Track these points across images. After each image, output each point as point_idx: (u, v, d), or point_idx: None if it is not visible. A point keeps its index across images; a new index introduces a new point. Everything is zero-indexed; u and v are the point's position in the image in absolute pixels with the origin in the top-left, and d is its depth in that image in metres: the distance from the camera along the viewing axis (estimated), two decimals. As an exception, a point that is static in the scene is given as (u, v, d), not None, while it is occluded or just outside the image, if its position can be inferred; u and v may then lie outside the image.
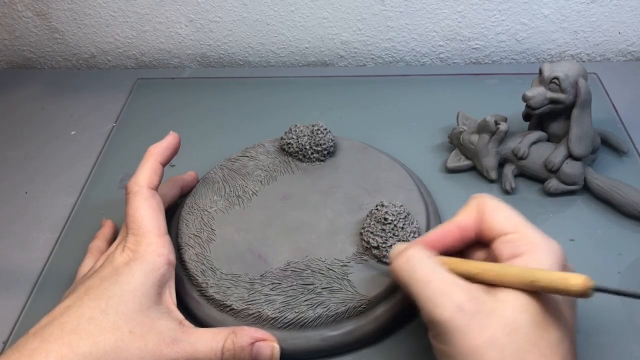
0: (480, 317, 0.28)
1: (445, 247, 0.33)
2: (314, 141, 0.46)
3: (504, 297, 0.28)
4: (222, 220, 0.42)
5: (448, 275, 0.30)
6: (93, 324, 0.31)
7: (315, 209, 0.42)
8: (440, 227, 0.34)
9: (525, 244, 0.30)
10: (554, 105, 0.44)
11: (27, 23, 0.65)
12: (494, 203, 0.33)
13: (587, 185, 0.45)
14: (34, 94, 0.62)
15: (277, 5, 0.61)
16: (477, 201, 0.33)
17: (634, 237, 0.42)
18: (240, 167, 0.46)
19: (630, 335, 0.37)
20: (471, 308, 0.28)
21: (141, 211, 0.36)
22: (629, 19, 0.60)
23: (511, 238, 0.31)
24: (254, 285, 0.37)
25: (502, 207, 0.32)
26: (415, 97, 0.57)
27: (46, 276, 0.43)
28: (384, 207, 0.38)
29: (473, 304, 0.28)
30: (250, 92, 0.60)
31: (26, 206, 0.49)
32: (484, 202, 0.33)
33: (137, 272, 0.33)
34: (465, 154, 0.48)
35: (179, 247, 0.40)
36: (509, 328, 0.27)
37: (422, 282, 0.30)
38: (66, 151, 0.54)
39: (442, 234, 0.33)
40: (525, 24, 0.61)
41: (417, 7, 0.60)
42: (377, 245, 0.38)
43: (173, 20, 0.64)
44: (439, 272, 0.30)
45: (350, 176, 0.45)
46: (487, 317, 0.28)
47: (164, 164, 0.39)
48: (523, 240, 0.30)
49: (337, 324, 0.36)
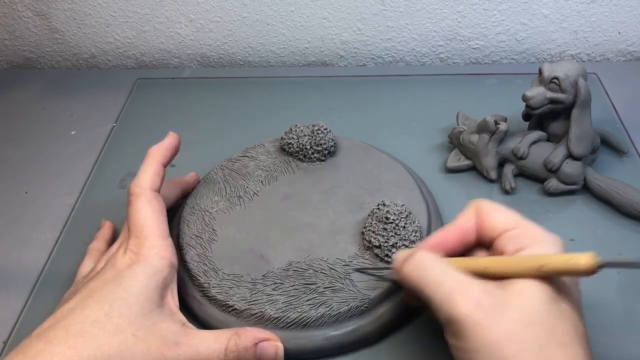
0: (497, 310, 0.28)
1: (447, 251, 0.33)
2: (315, 141, 0.46)
3: (517, 288, 0.29)
4: (223, 220, 0.42)
5: (459, 274, 0.30)
6: (97, 327, 0.31)
7: (317, 208, 0.42)
8: (441, 231, 0.34)
9: (528, 238, 0.31)
10: (554, 105, 0.44)
11: (27, 23, 0.65)
12: (491, 204, 0.33)
13: (587, 185, 0.45)
14: (34, 94, 0.62)
15: (277, 5, 0.61)
16: (475, 205, 0.34)
17: (634, 237, 0.42)
18: (241, 168, 0.46)
19: (630, 336, 0.37)
20: (488, 302, 0.28)
21: (143, 213, 0.36)
22: (628, 19, 0.60)
23: (514, 233, 0.31)
24: (256, 285, 0.37)
25: (500, 207, 0.33)
26: (415, 97, 0.57)
27: (46, 276, 0.43)
28: (386, 207, 0.39)
29: (489, 298, 0.28)
30: (250, 92, 0.60)
31: (26, 206, 0.49)
32: (482, 204, 0.34)
33: (140, 275, 0.33)
34: (465, 154, 0.48)
35: (180, 248, 0.40)
36: (526, 319, 0.28)
37: (434, 284, 0.30)
38: (66, 151, 0.54)
39: (443, 237, 0.34)
40: (525, 24, 0.61)
41: (417, 7, 0.60)
42: (378, 244, 0.38)
43: (173, 20, 0.64)
44: (450, 272, 0.30)
45: (351, 176, 0.45)
46: (504, 310, 0.28)
47: (165, 165, 0.39)
48: (526, 235, 0.31)
49: (339, 323, 0.36)
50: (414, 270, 0.31)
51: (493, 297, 0.28)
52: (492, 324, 0.28)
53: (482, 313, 0.28)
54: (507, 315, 0.28)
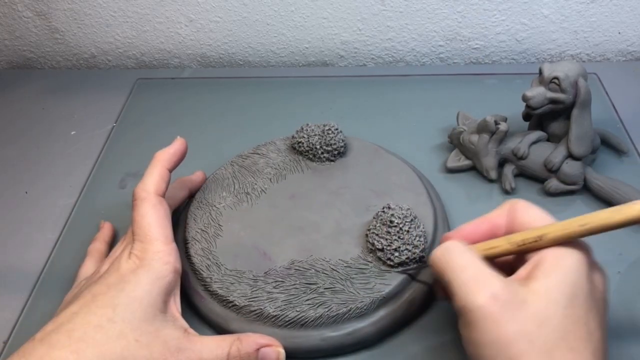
0: (513, 306, 0.28)
1: (475, 242, 0.33)
2: (325, 141, 0.46)
3: (537, 287, 0.29)
4: (229, 216, 0.42)
5: (484, 265, 0.30)
6: (100, 332, 0.31)
7: (323, 209, 0.42)
8: (473, 222, 0.34)
9: None
10: (554, 105, 0.44)
11: (27, 23, 0.65)
12: (526, 203, 0.34)
13: (587, 185, 0.45)
14: (34, 94, 0.62)
15: (277, 5, 0.61)
16: (510, 202, 0.34)
17: (634, 237, 0.42)
18: (251, 164, 0.46)
19: (630, 336, 0.37)
20: (505, 297, 0.28)
21: (148, 218, 0.35)
22: (628, 19, 0.60)
23: None
24: (257, 282, 0.37)
25: (534, 206, 0.33)
26: (415, 97, 0.57)
27: (46, 276, 0.43)
28: (391, 210, 0.38)
29: (507, 293, 0.28)
30: (250, 92, 0.60)
31: (26, 206, 0.49)
32: (517, 201, 0.34)
33: (143, 280, 0.33)
34: (465, 154, 0.48)
35: (185, 242, 0.41)
36: (539, 319, 0.28)
37: (458, 269, 0.30)
38: (66, 151, 0.54)
39: (474, 228, 0.34)
40: (525, 24, 0.61)
41: (417, 7, 0.60)
42: (381, 247, 0.38)
43: (173, 20, 0.64)
44: (475, 261, 0.30)
45: (360, 177, 0.45)
46: (519, 307, 0.28)
47: (171, 170, 0.39)
48: None
49: (337, 324, 0.36)
50: (442, 254, 0.32)
51: (511, 293, 0.28)
52: (505, 320, 0.28)
53: (497, 307, 0.28)
54: (522, 313, 0.28)
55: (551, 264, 0.30)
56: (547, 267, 0.30)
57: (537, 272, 0.30)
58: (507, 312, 0.28)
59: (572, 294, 0.29)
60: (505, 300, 0.28)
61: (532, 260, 0.31)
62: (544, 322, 0.28)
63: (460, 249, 0.32)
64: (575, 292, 0.29)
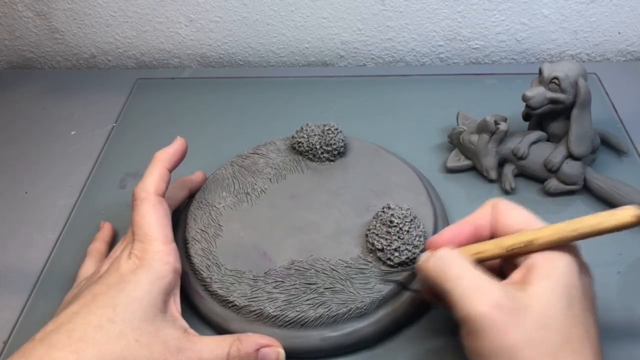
0: (515, 313, 0.28)
1: (460, 245, 0.33)
2: (325, 141, 0.46)
3: (535, 291, 0.29)
4: (229, 216, 0.42)
5: (480, 272, 0.30)
6: (100, 332, 0.31)
7: (323, 209, 0.42)
8: (455, 225, 0.34)
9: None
10: (554, 105, 0.44)
11: (27, 23, 0.65)
12: (509, 203, 0.33)
13: (587, 185, 0.45)
14: (34, 94, 0.62)
15: (277, 5, 0.61)
16: (492, 202, 0.34)
17: (634, 237, 0.42)
18: (250, 165, 0.46)
19: (630, 336, 0.37)
20: (507, 304, 0.28)
21: (148, 218, 0.35)
22: (628, 19, 0.60)
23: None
24: (257, 282, 0.37)
25: (517, 207, 0.33)
26: (415, 97, 0.57)
27: (46, 276, 0.43)
28: (390, 210, 0.38)
29: (508, 300, 0.28)
30: (250, 92, 0.60)
31: (26, 206, 0.49)
32: (499, 202, 0.33)
33: (143, 280, 0.33)
34: (465, 154, 0.48)
35: (186, 242, 0.41)
36: (541, 323, 0.28)
37: (455, 278, 0.30)
38: (66, 151, 0.54)
39: (456, 231, 0.34)
40: (525, 24, 0.61)
41: (417, 7, 0.60)
42: (381, 247, 0.38)
43: (173, 20, 0.64)
44: (471, 269, 0.30)
45: (360, 177, 0.45)
46: (521, 313, 0.28)
47: (171, 170, 0.39)
48: None
49: (337, 324, 0.36)
50: (437, 264, 0.31)
51: (512, 300, 0.28)
52: (509, 327, 0.27)
53: (500, 315, 0.28)
54: (524, 319, 0.28)
55: (545, 267, 0.30)
56: (542, 270, 0.29)
57: (532, 275, 0.29)
58: (510, 319, 0.28)
59: (569, 295, 0.29)
60: (507, 307, 0.28)
61: (525, 264, 0.30)
62: (547, 326, 0.28)
63: (454, 256, 0.31)
64: (571, 293, 0.29)
